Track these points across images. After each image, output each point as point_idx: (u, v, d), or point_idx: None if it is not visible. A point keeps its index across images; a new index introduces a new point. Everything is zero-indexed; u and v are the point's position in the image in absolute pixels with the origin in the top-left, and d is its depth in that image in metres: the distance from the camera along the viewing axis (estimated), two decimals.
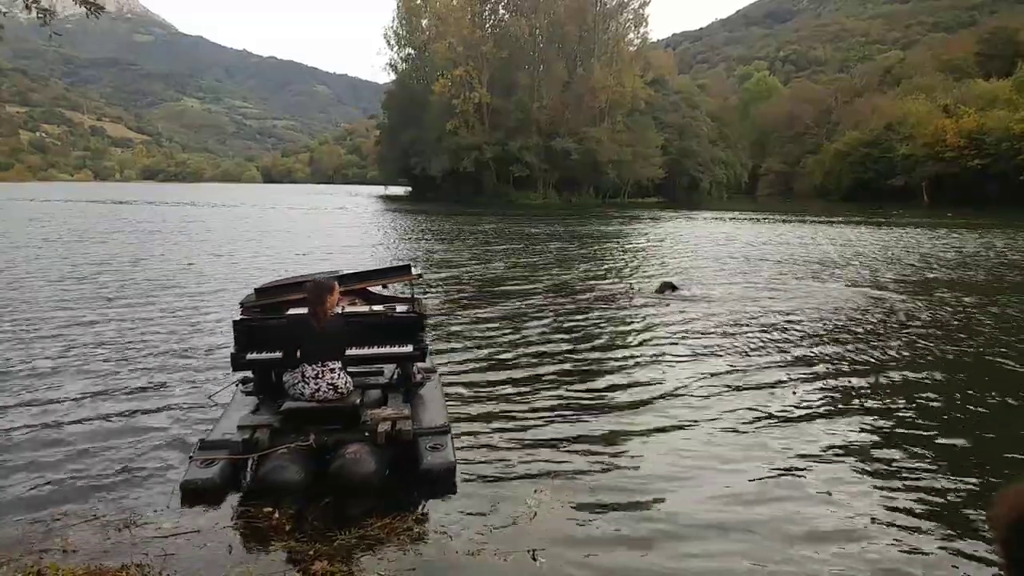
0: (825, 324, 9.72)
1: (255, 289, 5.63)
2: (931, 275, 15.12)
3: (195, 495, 4.12)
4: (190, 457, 4.39)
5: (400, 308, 5.52)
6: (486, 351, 8.06)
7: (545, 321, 9.84)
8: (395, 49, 75.96)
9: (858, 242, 23.21)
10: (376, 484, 4.26)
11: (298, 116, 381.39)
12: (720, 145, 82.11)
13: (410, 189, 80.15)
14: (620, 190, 69.87)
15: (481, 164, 65.19)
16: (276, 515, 3.95)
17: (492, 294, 12.24)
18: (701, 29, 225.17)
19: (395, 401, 5.11)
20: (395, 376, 5.56)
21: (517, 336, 8.86)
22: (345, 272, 5.84)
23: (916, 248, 21.16)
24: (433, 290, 12.48)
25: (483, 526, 3.93)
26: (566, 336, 8.89)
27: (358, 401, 4.75)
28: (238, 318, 5.21)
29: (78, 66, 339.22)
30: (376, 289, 5.99)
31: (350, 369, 4.96)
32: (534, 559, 3.60)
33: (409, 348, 5.22)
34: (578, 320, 9.95)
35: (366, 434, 4.49)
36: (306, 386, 4.64)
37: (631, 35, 72.84)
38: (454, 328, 9.28)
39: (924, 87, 72.33)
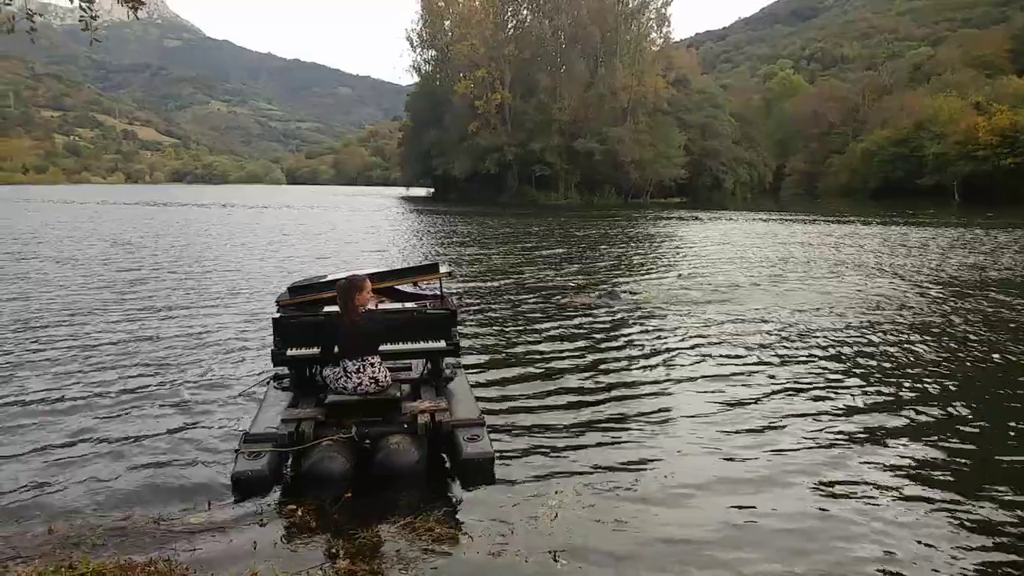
0: (894, 333, 9.51)
1: (288, 287, 5.74)
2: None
3: (246, 485, 4.23)
4: (236, 450, 4.50)
5: (431, 305, 5.65)
6: (512, 352, 8.09)
7: (582, 326, 9.76)
8: (418, 51, 76.24)
9: (909, 243, 22.44)
10: (418, 474, 4.42)
11: (321, 118, 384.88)
12: (743, 145, 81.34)
13: (432, 190, 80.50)
14: (642, 190, 69.55)
15: (503, 165, 65.27)
16: (299, 512, 4.01)
17: (529, 296, 12.24)
18: (724, 28, 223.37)
19: (428, 395, 5.25)
20: (425, 371, 5.70)
21: (547, 339, 8.85)
22: (374, 271, 5.95)
23: (978, 248, 20.48)
24: (481, 294, 12.40)
25: (505, 526, 3.94)
26: (598, 341, 8.82)
27: (398, 394, 4.89)
28: (277, 315, 5.33)
29: (110, 71, 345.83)
30: (407, 287, 6.08)
31: None
32: (555, 560, 3.61)
33: (442, 343, 5.40)
34: (616, 325, 9.85)
35: (405, 426, 4.63)
36: (348, 380, 4.79)
37: (653, 35, 72.52)
38: (483, 328, 9.31)
39: (955, 84, 70.96)
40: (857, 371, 7.29)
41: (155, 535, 3.81)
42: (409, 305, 5.70)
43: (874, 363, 7.62)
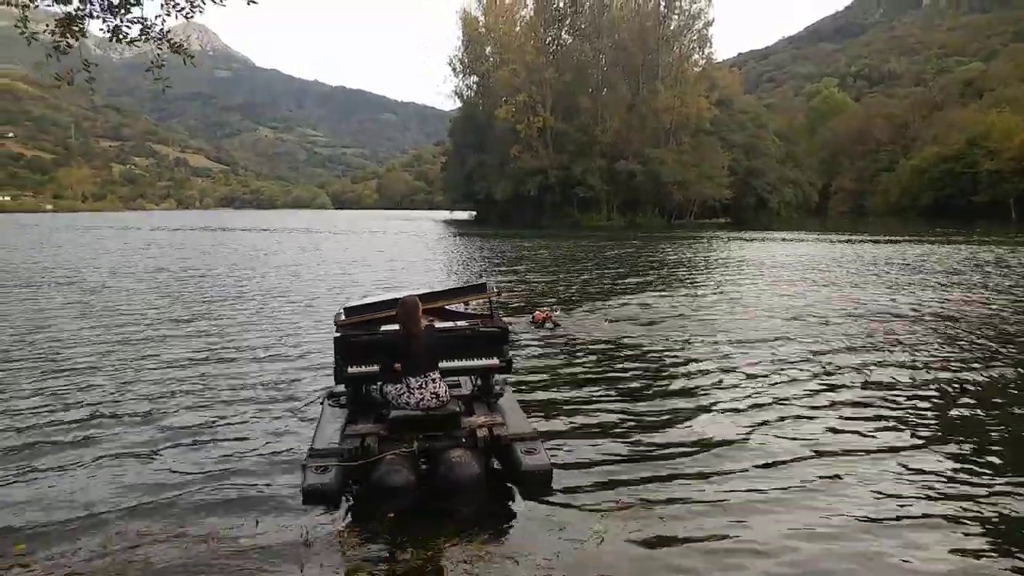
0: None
1: (344, 308, 5.85)
2: None
3: (316, 498, 4.39)
4: (303, 465, 4.63)
5: (482, 324, 5.75)
6: (558, 372, 8.04)
7: (632, 347, 9.64)
8: (459, 77, 77.50)
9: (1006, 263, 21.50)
10: (480, 486, 4.54)
11: (366, 143, 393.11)
12: (788, 164, 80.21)
13: (475, 213, 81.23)
14: (686, 211, 69.04)
15: (545, 187, 65.54)
16: (345, 532, 4.04)
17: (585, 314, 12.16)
18: (767, 48, 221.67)
19: (481, 410, 5.37)
20: (475, 388, 5.83)
21: (595, 359, 8.78)
22: (424, 291, 6.01)
23: None
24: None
25: (548, 551, 3.89)
26: (648, 364, 8.68)
27: (457, 409, 4.99)
28: (338, 335, 5.47)
29: (166, 101, 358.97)
30: (456, 307, 6.18)
31: None
32: None
33: (495, 360, 5.54)
34: (667, 347, 9.69)
35: (463, 440, 4.76)
36: (411, 396, 4.90)
37: (695, 56, 72.48)
38: (529, 348, 9.26)
39: (1009, 99, 68.97)
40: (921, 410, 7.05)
41: (205, 553, 3.86)
42: (462, 324, 5.79)
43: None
